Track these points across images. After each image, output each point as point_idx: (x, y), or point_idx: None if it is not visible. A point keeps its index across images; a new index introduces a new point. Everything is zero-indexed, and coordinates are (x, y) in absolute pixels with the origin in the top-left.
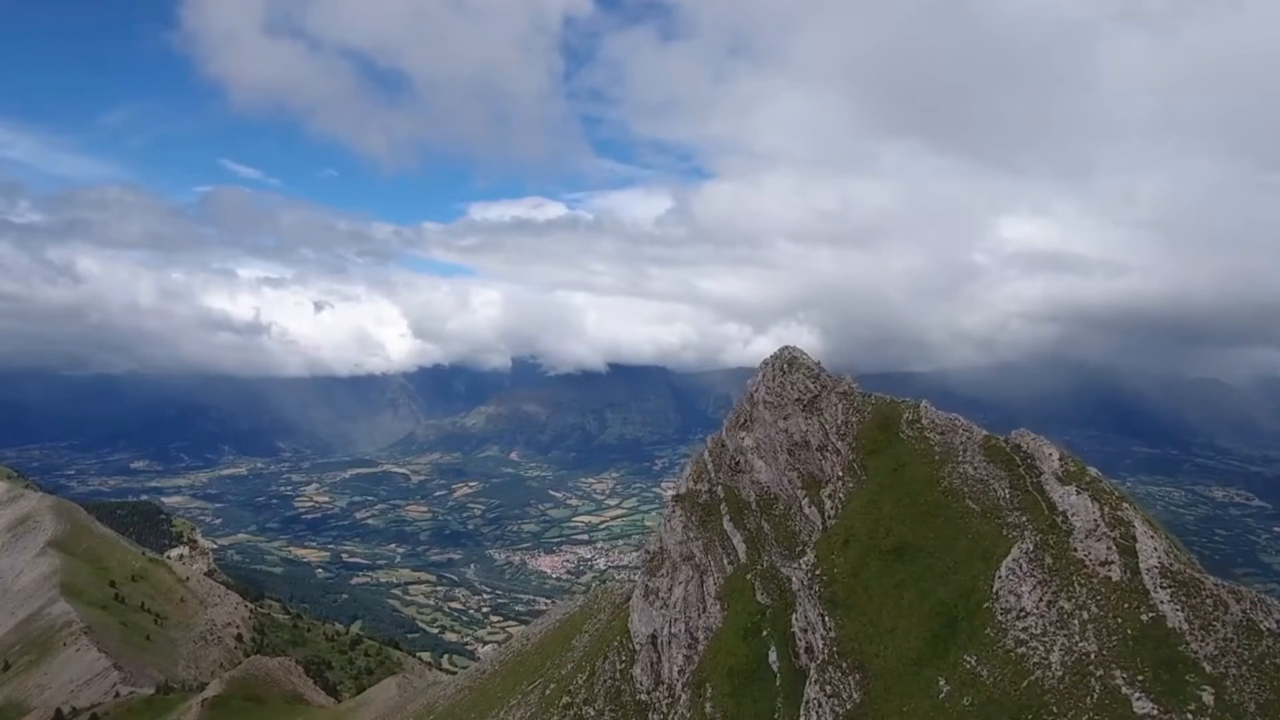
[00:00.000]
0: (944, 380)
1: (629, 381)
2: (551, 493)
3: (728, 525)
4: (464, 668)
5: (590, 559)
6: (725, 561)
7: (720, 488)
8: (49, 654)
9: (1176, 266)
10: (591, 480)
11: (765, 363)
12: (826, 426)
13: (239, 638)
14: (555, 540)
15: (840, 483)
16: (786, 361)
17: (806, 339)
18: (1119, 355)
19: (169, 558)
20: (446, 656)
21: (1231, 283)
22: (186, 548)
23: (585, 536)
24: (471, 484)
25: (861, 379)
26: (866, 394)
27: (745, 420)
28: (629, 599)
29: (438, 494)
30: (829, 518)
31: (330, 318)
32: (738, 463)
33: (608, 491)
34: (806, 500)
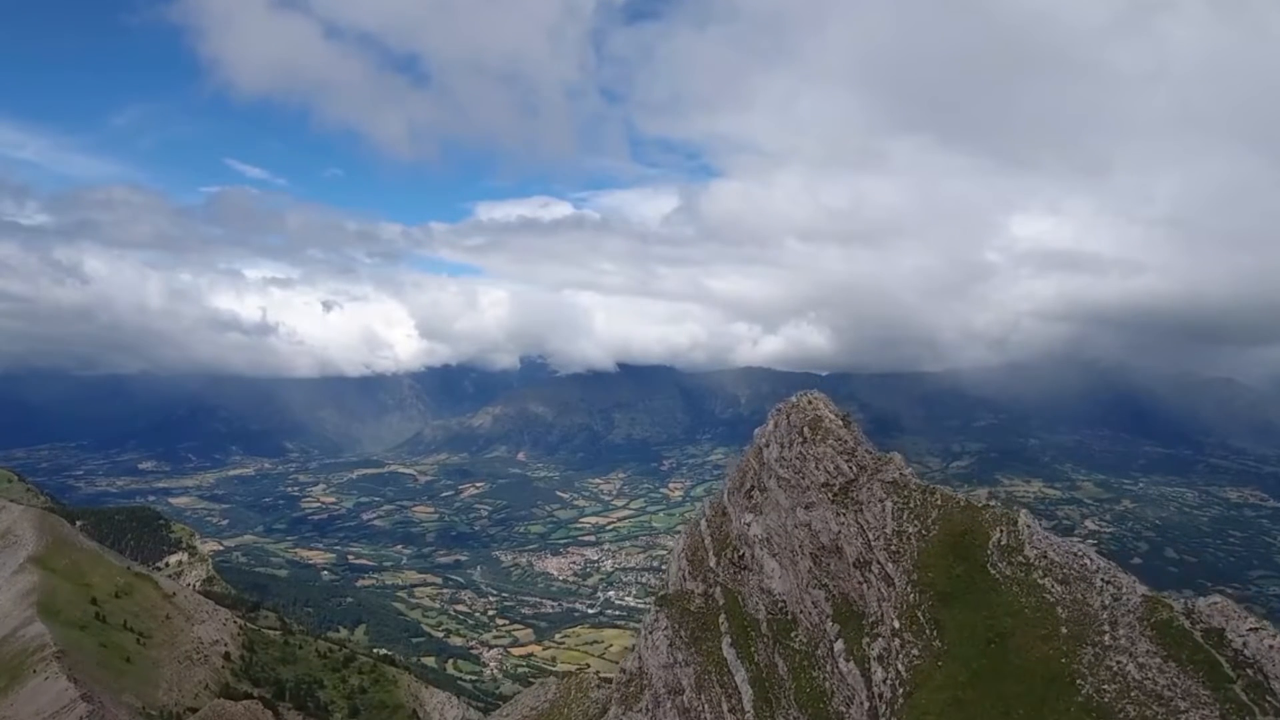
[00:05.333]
0: (956, 379)
1: (637, 381)
2: (558, 493)
3: (728, 651)
4: (469, 673)
5: (597, 560)
6: (725, 708)
7: (719, 589)
8: (18, 681)
9: (1193, 265)
10: (599, 481)
11: (779, 411)
12: (868, 531)
13: (227, 656)
14: (562, 541)
15: (898, 642)
16: (808, 423)
17: (817, 338)
18: (1133, 354)
19: (167, 564)
20: (451, 661)
21: (1248, 281)
22: (185, 554)
23: (592, 538)
24: (478, 484)
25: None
26: (927, 487)
27: (752, 487)
28: (604, 713)
29: (444, 495)
30: (880, 696)
31: (339, 318)
32: (742, 556)
33: (615, 492)
34: (841, 644)
